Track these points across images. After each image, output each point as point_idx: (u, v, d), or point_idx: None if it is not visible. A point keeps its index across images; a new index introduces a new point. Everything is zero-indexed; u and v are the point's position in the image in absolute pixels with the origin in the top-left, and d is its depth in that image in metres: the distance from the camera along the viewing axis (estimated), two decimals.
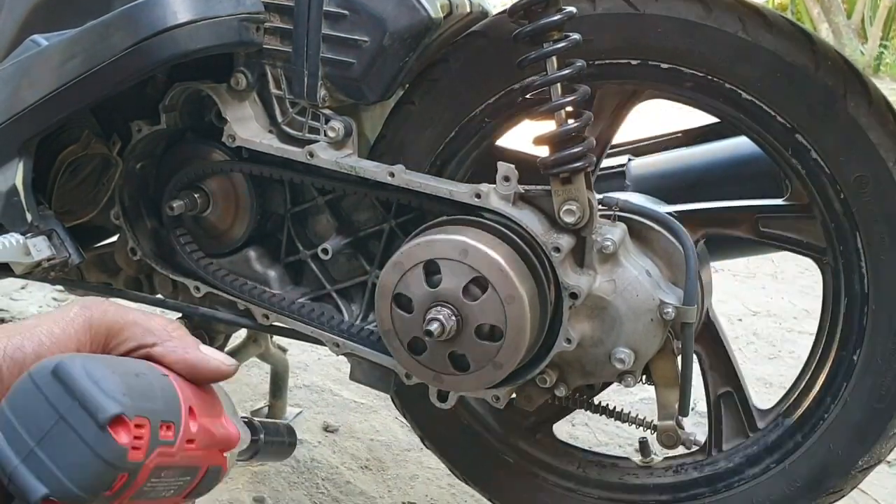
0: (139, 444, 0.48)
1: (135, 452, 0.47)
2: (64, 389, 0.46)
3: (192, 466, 0.54)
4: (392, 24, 1.10)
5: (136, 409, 0.48)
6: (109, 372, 0.48)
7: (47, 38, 1.16)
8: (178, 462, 0.51)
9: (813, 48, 1.04)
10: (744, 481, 1.19)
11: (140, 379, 0.50)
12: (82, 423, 0.46)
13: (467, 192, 1.05)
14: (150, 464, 0.49)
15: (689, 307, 1.05)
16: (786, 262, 2.86)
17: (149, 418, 0.48)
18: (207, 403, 0.56)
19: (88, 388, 0.46)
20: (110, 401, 0.46)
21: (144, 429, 0.48)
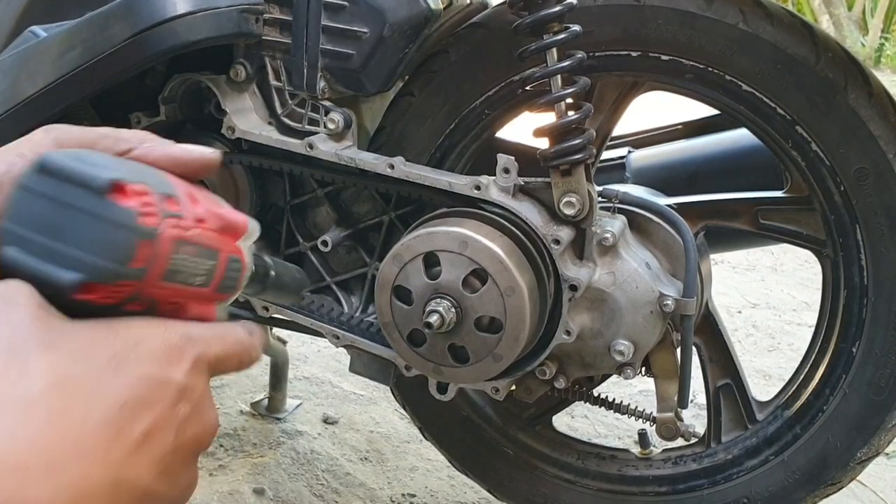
0: (147, 209, 0.45)
1: (145, 217, 0.45)
2: (55, 179, 0.45)
3: (211, 248, 0.51)
4: (392, 16, 1.10)
5: (131, 176, 0.45)
6: (94, 153, 0.47)
7: (46, 29, 1.16)
8: (194, 238, 0.49)
9: (813, 40, 1.03)
10: (742, 473, 1.19)
11: (128, 163, 0.48)
12: (83, 200, 0.44)
13: (467, 184, 1.05)
14: (166, 234, 0.46)
15: (688, 299, 1.05)
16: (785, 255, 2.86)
17: (149, 188, 0.46)
18: (206, 194, 0.53)
19: (78, 167, 0.45)
20: (102, 170, 0.45)
21: (148, 196, 0.46)
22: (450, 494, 1.59)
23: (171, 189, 0.48)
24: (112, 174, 0.44)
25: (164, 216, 0.46)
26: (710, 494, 1.21)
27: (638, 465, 1.27)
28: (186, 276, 0.49)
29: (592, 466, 1.28)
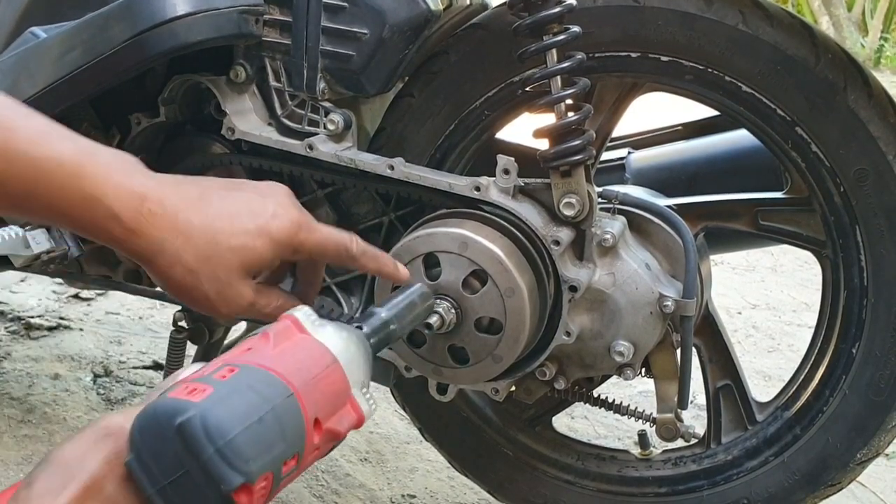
0: (262, 493, 0.51)
1: (259, 501, 0.51)
2: (188, 450, 0.49)
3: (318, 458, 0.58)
4: (392, 17, 1.10)
5: (260, 468, 0.50)
6: (231, 427, 0.50)
7: (46, 30, 1.16)
8: (300, 473, 0.55)
9: (813, 41, 1.03)
10: (742, 474, 1.19)
11: (262, 424, 0.51)
12: (209, 488, 0.49)
13: (467, 185, 1.05)
14: (278, 488, 0.53)
15: (688, 300, 1.05)
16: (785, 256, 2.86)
17: (272, 470, 0.51)
18: (332, 396, 0.58)
19: (212, 459, 0.49)
20: (234, 473, 0.49)
21: (267, 480, 0.51)
22: (450, 495, 1.59)
23: (294, 445, 0.53)
24: (240, 479, 0.49)
25: (278, 485, 0.52)
26: (710, 495, 1.21)
27: (638, 466, 1.27)
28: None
29: (592, 467, 1.28)
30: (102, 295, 2.26)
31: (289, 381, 0.54)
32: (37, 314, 2.14)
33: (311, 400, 0.55)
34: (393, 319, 0.74)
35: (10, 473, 1.52)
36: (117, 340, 2.04)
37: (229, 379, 0.53)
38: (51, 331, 2.07)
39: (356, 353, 0.63)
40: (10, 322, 2.10)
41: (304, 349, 0.59)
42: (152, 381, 1.86)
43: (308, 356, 0.59)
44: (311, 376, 0.56)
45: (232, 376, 0.53)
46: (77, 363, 1.93)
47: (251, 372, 0.54)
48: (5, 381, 1.82)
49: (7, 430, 1.65)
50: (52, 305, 2.21)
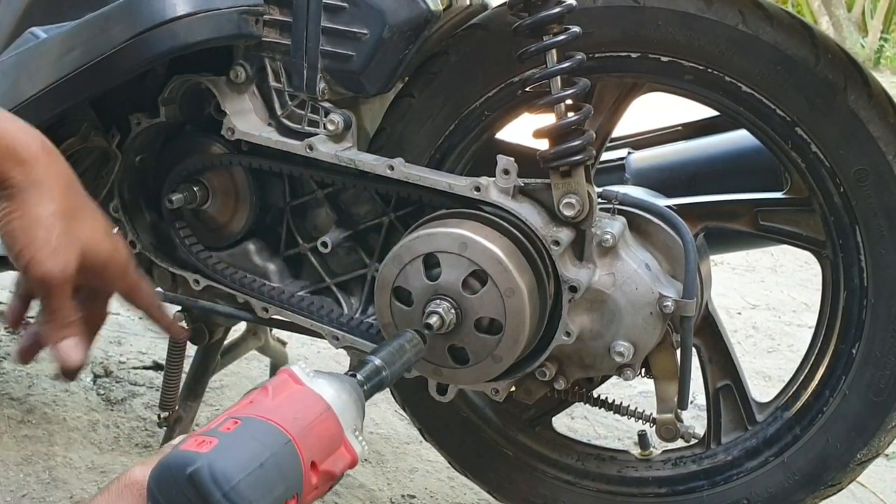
0: None
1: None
2: (199, 496, 0.56)
3: (318, 497, 0.65)
4: (391, 17, 1.10)
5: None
6: (235, 473, 0.57)
7: (46, 30, 1.16)
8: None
9: (813, 41, 1.03)
10: (742, 474, 1.19)
11: (264, 470, 0.59)
12: None
13: (467, 186, 1.05)
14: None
15: (688, 300, 1.05)
16: (785, 256, 2.86)
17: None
18: (327, 440, 0.65)
19: (220, 502, 0.56)
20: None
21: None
22: (449, 496, 1.59)
23: (294, 486, 0.60)
24: None
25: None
26: (710, 496, 1.21)
27: (638, 467, 1.26)
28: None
29: (592, 467, 1.28)
30: None
31: (286, 429, 0.62)
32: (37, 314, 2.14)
33: (307, 445, 0.62)
34: (385, 366, 0.82)
35: (9, 474, 1.52)
36: (117, 341, 2.03)
37: (233, 431, 0.61)
38: None
39: (348, 399, 0.70)
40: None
41: (299, 399, 0.66)
42: (152, 382, 1.86)
43: (304, 405, 0.66)
44: (307, 423, 0.64)
45: (235, 428, 0.61)
46: None
47: (252, 423, 0.62)
48: (5, 381, 1.82)
49: (7, 430, 1.65)
50: None
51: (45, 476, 1.53)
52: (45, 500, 1.47)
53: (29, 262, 0.80)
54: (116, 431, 1.68)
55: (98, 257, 0.85)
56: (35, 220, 0.80)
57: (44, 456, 1.58)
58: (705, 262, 1.21)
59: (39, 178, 0.81)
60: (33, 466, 1.55)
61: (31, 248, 0.79)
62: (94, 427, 1.69)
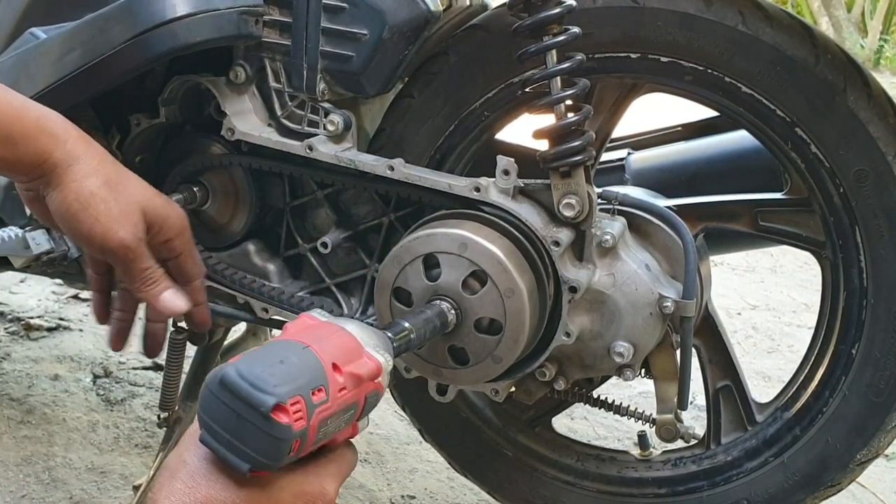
0: (300, 415, 0.63)
1: (298, 423, 0.64)
2: (233, 395, 0.63)
3: (351, 404, 0.69)
4: (391, 18, 1.10)
5: (289, 392, 0.63)
6: (259, 369, 0.64)
7: (46, 31, 1.16)
8: (337, 408, 0.67)
9: (813, 42, 1.03)
10: (742, 475, 1.19)
11: (285, 364, 0.65)
12: (254, 417, 0.63)
13: (467, 186, 1.05)
14: (314, 422, 0.65)
15: (688, 301, 1.05)
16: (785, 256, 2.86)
17: (301, 395, 0.64)
18: (347, 350, 0.70)
19: (248, 391, 0.63)
20: (266, 396, 0.62)
21: (300, 403, 0.63)
22: (449, 496, 1.59)
23: (318, 379, 0.66)
24: (273, 400, 0.62)
25: (312, 410, 0.65)
26: (710, 496, 1.21)
27: (637, 467, 1.26)
28: (331, 432, 0.68)
29: (592, 468, 1.28)
30: None
31: (303, 340, 0.68)
32: (36, 315, 2.14)
33: (324, 351, 0.68)
34: (412, 330, 0.88)
35: (9, 474, 1.52)
36: None
37: (254, 351, 0.68)
38: (50, 331, 2.07)
39: (370, 332, 0.76)
40: (10, 323, 2.10)
41: (317, 328, 0.73)
42: (152, 382, 1.86)
43: (320, 330, 0.72)
44: (323, 337, 0.70)
45: (256, 349, 0.69)
46: (77, 364, 1.93)
47: (272, 344, 0.70)
48: (5, 381, 1.82)
49: (7, 430, 1.65)
50: (51, 306, 2.21)
51: (44, 476, 1.53)
52: (45, 500, 1.47)
53: (103, 237, 0.82)
54: (116, 432, 1.68)
55: (158, 212, 0.89)
56: (90, 196, 0.82)
57: (43, 456, 1.58)
58: (705, 262, 1.21)
59: (77, 153, 0.83)
60: (33, 467, 1.55)
61: (98, 223, 0.82)
62: (93, 427, 1.69)
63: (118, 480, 1.53)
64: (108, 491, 1.50)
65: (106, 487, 1.51)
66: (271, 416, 0.62)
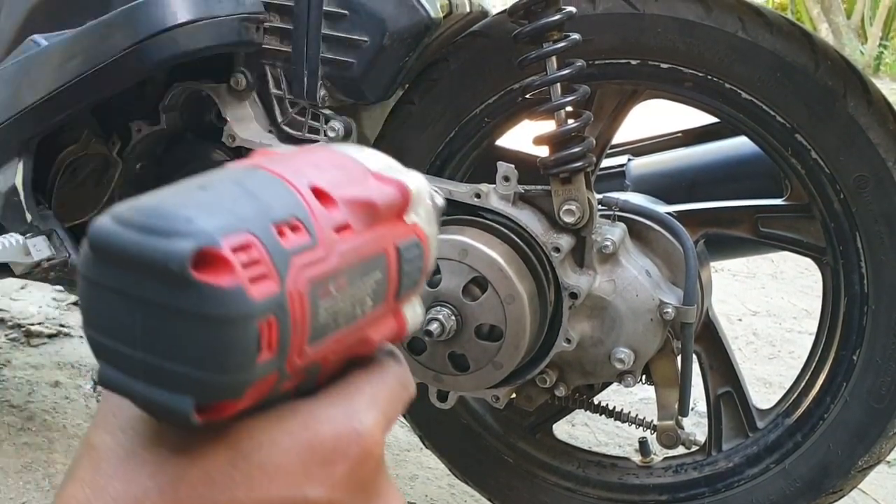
0: (257, 270, 0.31)
1: (257, 286, 0.31)
2: (112, 261, 0.31)
3: (371, 256, 0.36)
4: (392, 24, 1.10)
5: (221, 227, 0.30)
6: (153, 203, 0.32)
7: (47, 38, 1.16)
8: (342, 264, 0.34)
9: (813, 48, 1.04)
10: (743, 481, 1.19)
11: (206, 190, 0.33)
12: (163, 295, 0.30)
13: (467, 192, 1.05)
14: (296, 286, 0.32)
15: (688, 307, 1.05)
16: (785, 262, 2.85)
17: (249, 229, 0.31)
18: (341, 172, 0.37)
19: (132, 240, 0.30)
20: (169, 239, 0.30)
21: (252, 248, 0.31)
22: (450, 503, 1.58)
23: (286, 207, 0.33)
24: (185, 244, 0.30)
25: (284, 261, 0.32)
26: (712, 503, 1.20)
27: (639, 474, 1.26)
28: (346, 314, 0.35)
29: (593, 475, 1.28)
30: None
31: (255, 163, 0.36)
32: (37, 321, 2.14)
33: (289, 169, 0.35)
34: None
35: (9, 482, 1.52)
36: None
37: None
38: (51, 338, 2.07)
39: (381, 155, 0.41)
40: (11, 329, 2.10)
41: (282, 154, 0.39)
42: None
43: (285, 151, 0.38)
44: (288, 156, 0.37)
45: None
46: (77, 371, 1.92)
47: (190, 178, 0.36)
48: (5, 388, 1.82)
49: (7, 437, 1.65)
50: (52, 313, 2.20)
51: (44, 484, 1.52)
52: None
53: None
54: None
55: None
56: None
57: (44, 463, 1.58)
58: (706, 268, 1.21)
59: None
60: (33, 474, 1.54)
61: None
62: None
63: None
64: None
65: None
66: (193, 279, 0.29)
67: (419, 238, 0.39)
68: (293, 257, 0.32)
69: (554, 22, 1.00)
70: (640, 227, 1.11)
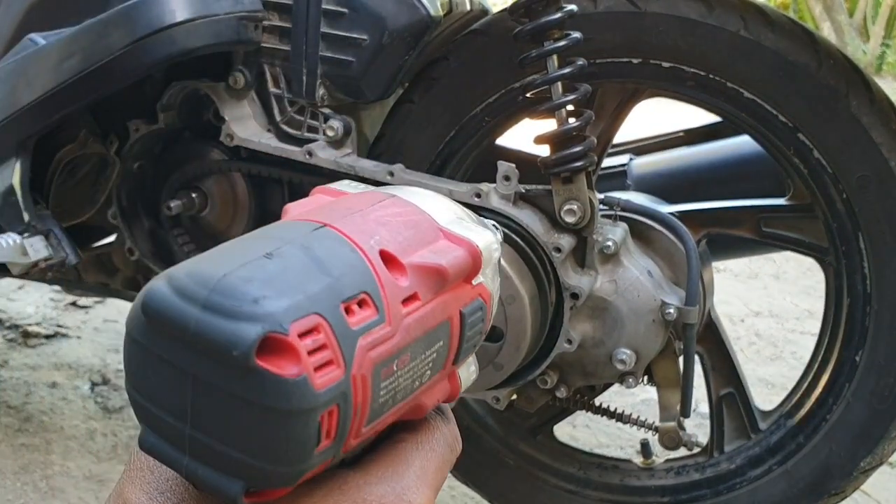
0: (322, 357, 0.29)
1: (322, 373, 0.29)
2: (167, 332, 0.29)
3: (435, 327, 0.34)
4: (391, 23, 1.09)
5: (287, 308, 0.28)
6: (217, 272, 0.29)
7: (45, 36, 1.15)
8: (407, 340, 0.32)
9: (815, 47, 1.03)
10: (745, 483, 1.18)
11: (274, 259, 0.30)
12: (217, 374, 0.28)
13: (467, 192, 1.05)
14: (360, 370, 0.30)
15: (690, 308, 1.04)
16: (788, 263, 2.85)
17: (317, 311, 0.29)
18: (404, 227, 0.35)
19: (193, 316, 0.28)
20: (235, 323, 0.27)
21: (319, 332, 0.29)
22: None
23: (355, 279, 0.31)
24: (253, 331, 0.27)
25: (352, 346, 0.30)
26: None
27: (640, 475, 1.26)
28: (405, 390, 0.33)
29: (594, 476, 1.27)
30: (100, 303, 2.25)
31: (314, 219, 0.33)
32: (34, 322, 2.13)
33: (357, 229, 0.33)
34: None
35: (7, 483, 1.51)
36: (115, 348, 2.03)
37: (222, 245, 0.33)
38: (48, 339, 2.06)
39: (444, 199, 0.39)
40: (8, 330, 2.09)
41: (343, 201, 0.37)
42: None
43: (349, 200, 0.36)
44: (355, 210, 0.35)
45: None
46: (75, 371, 1.92)
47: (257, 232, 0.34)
48: (2, 389, 1.81)
49: (4, 439, 1.64)
50: (49, 313, 2.20)
51: (42, 485, 1.52)
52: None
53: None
54: (114, 440, 1.67)
55: None
56: None
57: (41, 465, 1.57)
58: (708, 268, 1.20)
59: None
60: (31, 475, 1.54)
61: None
62: (91, 436, 1.68)
63: None
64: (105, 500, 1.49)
65: (104, 496, 1.50)
66: (257, 363, 0.28)
67: (483, 299, 0.38)
68: (360, 339, 0.31)
69: (555, 20, 0.99)
70: (642, 227, 1.10)
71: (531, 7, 1.00)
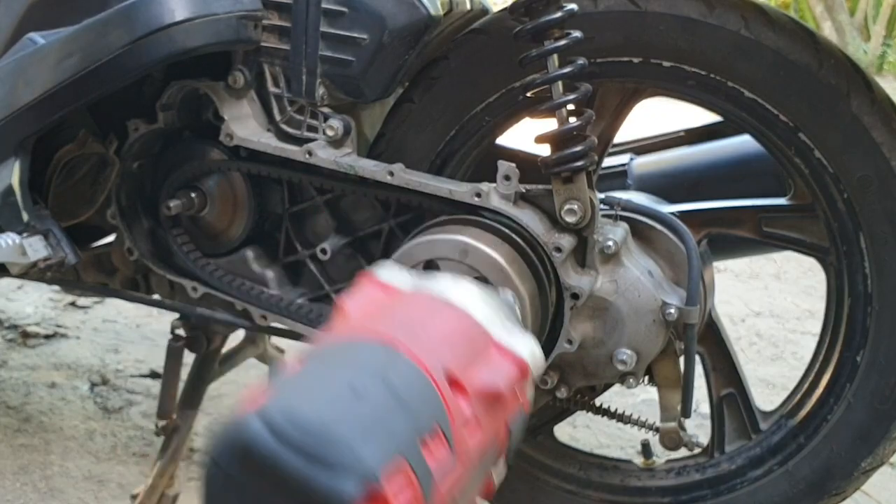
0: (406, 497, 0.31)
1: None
2: (258, 469, 0.30)
3: (488, 447, 0.38)
4: (391, 22, 1.09)
5: (380, 456, 0.30)
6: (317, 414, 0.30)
7: (44, 36, 1.15)
8: (468, 468, 0.35)
9: (816, 46, 1.03)
10: (746, 483, 1.18)
11: (359, 396, 0.31)
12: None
13: (467, 192, 1.04)
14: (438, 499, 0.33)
15: (691, 308, 1.04)
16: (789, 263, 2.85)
17: (403, 455, 0.31)
18: (461, 340, 0.38)
19: (291, 463, 0.29)
20: (334, 474, 0.29)
21: (405, 473, 0.31)
22: None
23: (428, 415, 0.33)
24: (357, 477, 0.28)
25: (430, 485, 0.32)
26: None
27: (641, 476, 1.25)
28: (468, 491, 0.36)
29: (595, 477, 1.27)
30: (99, 303, 2.25)
31: (382, 335, 0.36)
32: (33, 322, 2.13)
33: (424, 348, 0.36)
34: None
35: (6, 483, 1.51)
36: (114, 349, 2.02)
37: (300, 369, 0.34)
38: (47, 339, 2.06)
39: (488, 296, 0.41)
40: (7, 330, 2.09)
41: (397, 304, 0.38)
42: (150, 390, 1.85)
43: (406, 306, 0.38)
44: (416, 321, 0.37)
45: (303, 365, 0.35)
46: (74, 372, 1.92)
47: (326, 350, 0.35)
48: (2, 389, 1.81)
49: (3, 439, 1.64)
50: (48, 313, 2.20)
51: (41, 485, 1.51)
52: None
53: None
54: (114, 440, 1.67)
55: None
56: None
57: (40, 465, 1.57)
58: (708, 268, 1.20)
59: None
60: (30, 476, 1.53)
61: None
62: (91, 436, 1.67)
63: (115, 489, 1.51)
64: (105, 500, 1.49)
65: (103, 497, 1.50)
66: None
67: (524, 407, 0.41)
68: (433, 475, 0.34)
69: (555, 20, 0.99)
70: (643, 226, 1.10)
71: (531, 6, 1.00)
